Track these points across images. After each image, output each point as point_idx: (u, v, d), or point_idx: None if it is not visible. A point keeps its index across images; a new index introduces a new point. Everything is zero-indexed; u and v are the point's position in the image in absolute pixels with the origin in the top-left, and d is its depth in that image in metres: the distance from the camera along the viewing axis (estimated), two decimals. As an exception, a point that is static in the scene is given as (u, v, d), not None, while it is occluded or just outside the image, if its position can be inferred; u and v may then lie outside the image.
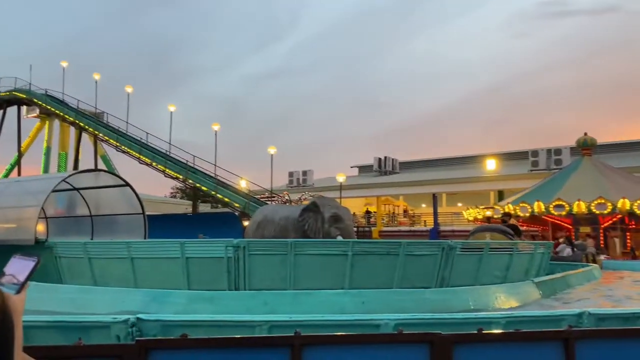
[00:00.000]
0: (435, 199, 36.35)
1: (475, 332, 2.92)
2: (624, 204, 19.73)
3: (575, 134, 26.14)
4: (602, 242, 21.25)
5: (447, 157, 43.78)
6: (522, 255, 8.93)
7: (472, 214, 24.29)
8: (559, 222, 22.86)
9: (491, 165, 34.41)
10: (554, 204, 20.66)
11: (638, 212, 19.89)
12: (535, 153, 33.27)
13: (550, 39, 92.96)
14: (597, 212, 20.18)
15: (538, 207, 20.89)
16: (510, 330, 3.12)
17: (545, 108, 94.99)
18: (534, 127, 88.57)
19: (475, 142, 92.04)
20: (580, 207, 20.11)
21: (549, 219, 22.80)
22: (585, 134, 24.74)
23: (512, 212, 21.24)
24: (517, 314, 3.70)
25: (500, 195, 33.69)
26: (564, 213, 20.72)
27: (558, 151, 32.39)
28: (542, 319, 3.66)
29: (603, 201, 19.90)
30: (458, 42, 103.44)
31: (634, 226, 22.05)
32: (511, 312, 3.97)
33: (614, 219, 21.39)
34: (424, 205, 44.10)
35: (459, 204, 41.12)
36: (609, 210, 20.05)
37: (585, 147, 24.50)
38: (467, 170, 37.35)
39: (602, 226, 21.67)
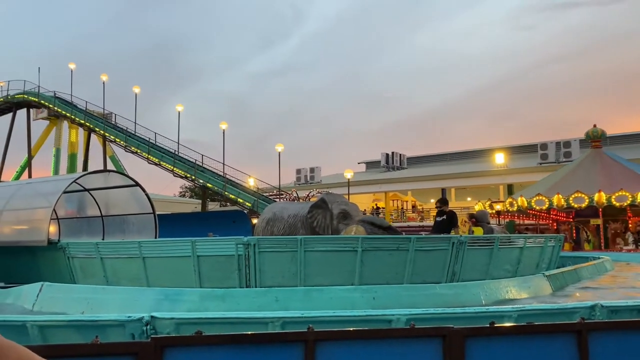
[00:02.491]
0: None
1: (487, 325, 2.92)
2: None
3: (583, 126, 26.08)
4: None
5: (455, 152, 43.65)
6: (532, 248, 8.90)
7: (480, 208, 24.24)
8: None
9: (500, 159, 34.25)
10: (573, 196, 20.47)
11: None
12: (544, 146, 33.09)
13: (556, 31, 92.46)
14: (617, 204, 20.02)
15: (558, 200, 20.73)
16: (522, 324, 3.11)
17: (552, 100, 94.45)
18: (542, 120, 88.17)
19: (482, 135, 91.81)
20: (601, 198, 19.95)
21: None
22: (595, 125, 24.51)
23: (525, 205, 21.15)
24: (529, 307, 3.70)
25: (510, 189, 33.56)
26: (583, 205, 20.56)
27: (567, 144, 32.20)
28: (554, 311, 3.65)
29: (623, 193, 19.77)
30: (463, 35, 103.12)
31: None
32: (523, 305, 3.96)
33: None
34: (432, 200, 43.97)
35: (469, 199, 41.01)
36: (628, 202, 19.90)
37: (595, 139, 24.28)
38: (475, 164, 37.22)
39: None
